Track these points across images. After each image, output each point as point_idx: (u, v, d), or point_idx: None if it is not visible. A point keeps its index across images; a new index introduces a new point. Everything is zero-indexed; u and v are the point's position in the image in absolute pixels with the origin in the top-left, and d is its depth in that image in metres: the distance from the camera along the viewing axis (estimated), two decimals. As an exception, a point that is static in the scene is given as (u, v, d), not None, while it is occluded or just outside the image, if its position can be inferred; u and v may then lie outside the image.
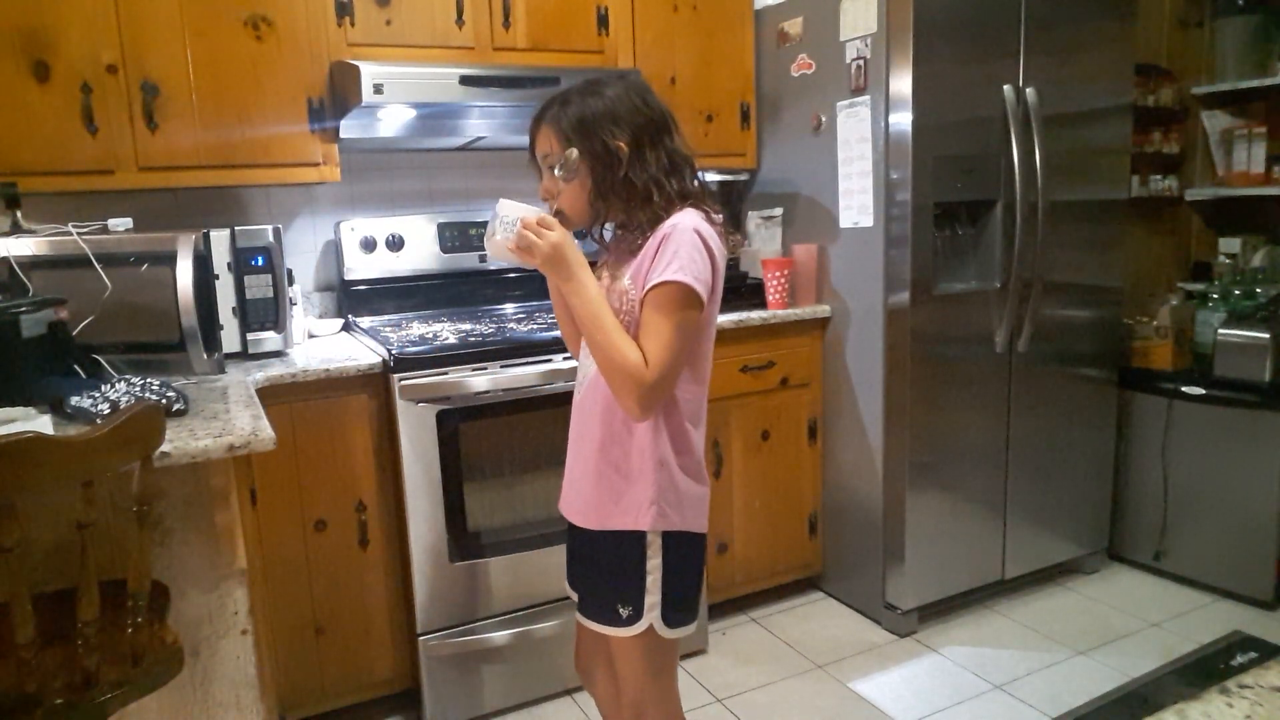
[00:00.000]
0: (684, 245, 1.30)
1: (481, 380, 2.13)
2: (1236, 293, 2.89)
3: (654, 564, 1.40)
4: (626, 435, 1.39)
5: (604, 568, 1.44)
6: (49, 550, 1.48)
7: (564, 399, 1.53)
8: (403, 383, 2.07)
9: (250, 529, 1.84)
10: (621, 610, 1.41)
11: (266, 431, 1.48)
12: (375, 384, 2.12)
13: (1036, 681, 2.35)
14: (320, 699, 2.18)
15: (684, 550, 1.43)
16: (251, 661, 1.70)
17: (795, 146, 2.79)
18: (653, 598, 1.40)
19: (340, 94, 2.25)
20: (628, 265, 1.38)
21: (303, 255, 2.64)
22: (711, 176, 2.87)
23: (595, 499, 1.42)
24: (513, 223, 1.32)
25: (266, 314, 2.19)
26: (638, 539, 1.39)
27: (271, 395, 1.97)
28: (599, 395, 1.39)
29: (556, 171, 1.38)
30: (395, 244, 2.62)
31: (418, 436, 2.10)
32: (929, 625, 2.67)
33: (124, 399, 1.55)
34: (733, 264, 2.89)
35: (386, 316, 2.64)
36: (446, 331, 2.36)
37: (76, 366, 1.74)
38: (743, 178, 2.98)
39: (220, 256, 2.15)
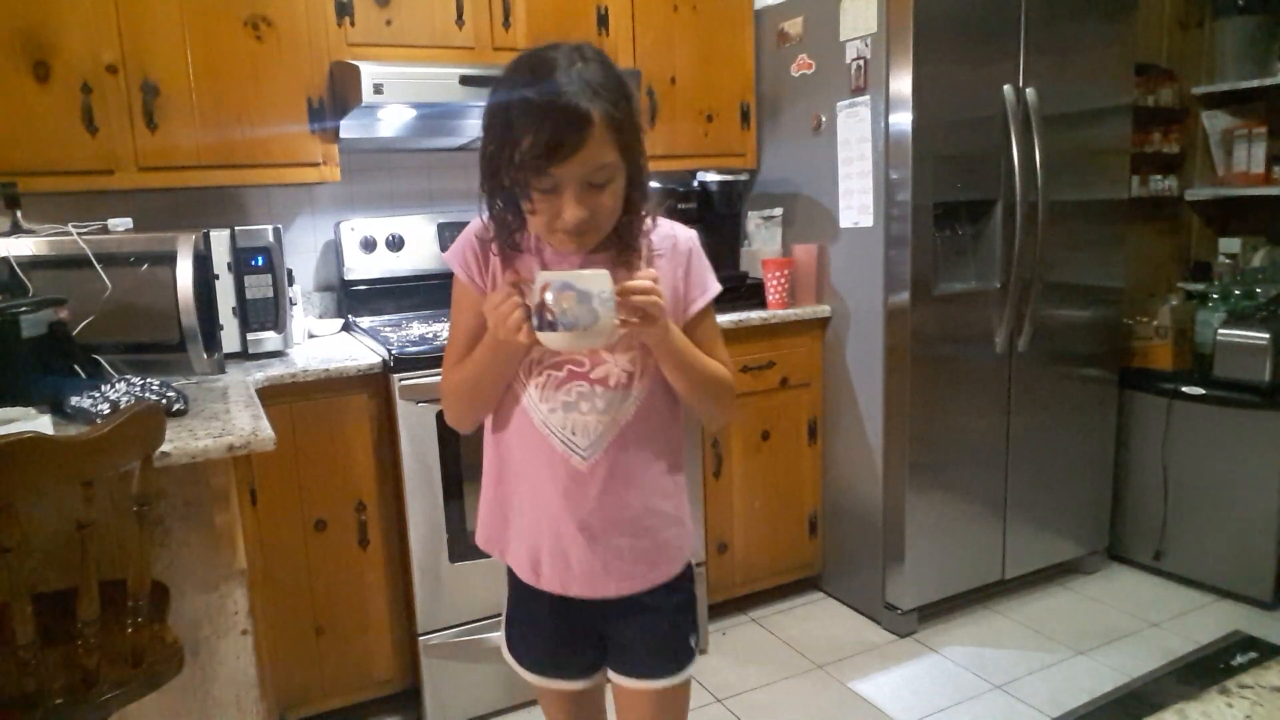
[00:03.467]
0: (702, 252, 1.25)
1: (481, 380, 2.13)
2: (1236, 293, 2.88)
3: (697, 575, 1.33)
4: (675, 472, 1.26)
5: (665, 615, 1.28)
6: (49, 550, 1.48)
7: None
8: (403, 383, 2.07)
9: (250, 529, 1.84)
10: (692, 641, 1.29)
11: (266, 431, 1.48)
12: (375, 384, 2.12)
13: (1036, 681, 2.35)
14: (320, 699, 2.18)
15: None
16: (251, 661, 1.70)
17: (795, 146, 2.79)
18: (701, 608, 1.36)
19: (340, 94, 2.25)
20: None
21: (303, 255, 2.64)
22: (711, 176, 2.87)
23: (650, 557, 1.25)
24: (608, 295, 1.02)
25: (266, 314, 2.19)
26: (687, 566, 1.31)
27: (271, 395, 1.97)
28: (643, 444, 1.21)
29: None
30: (395, 244, 2.62)
31: (418, 436, 2.10)
32: (929, 625, 2.67)
33: (124, 399, 1.55)
34: (732, 264, 2.90)
35: (386, 316, 2.64)
36: (446, 331, 2.36)
37: (76, 366, 1.74)
38: (743, 178, 2.98)
39: (220, 256, 2.15)
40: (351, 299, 2.61)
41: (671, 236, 1.22)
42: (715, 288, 1.24)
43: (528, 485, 1.23)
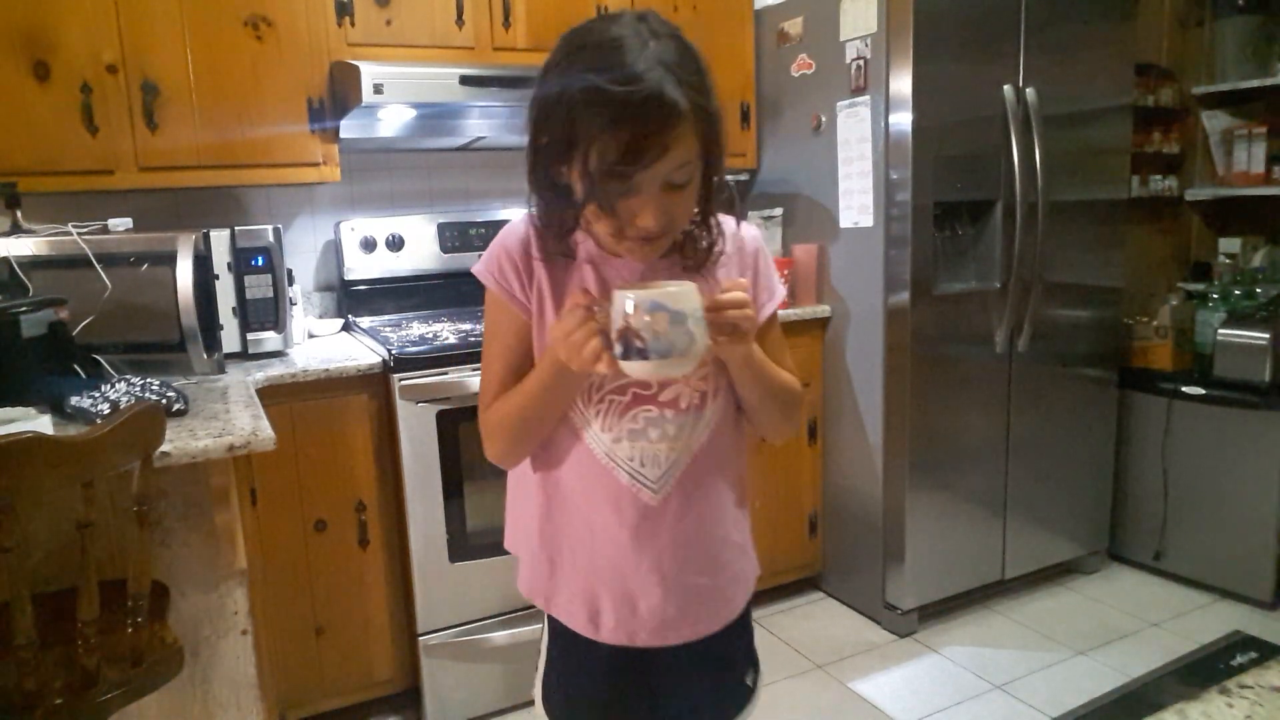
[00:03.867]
0: (769, 253, 1.13)
1: (481, 380, 2.13)
2: (1236, 293, 2.89)
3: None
4: (742, 501, 1.15)
5: (726, 657, 1.18)
6: (49, 550, 1.48)
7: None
8: (403, 383, 2.07)
9: (250, 529, 1.84)
10: (748, 680, 1.21)
11: (266, 431, 1.48)
12: (375, 384, 2.12)
13: (1036, 681, 2.35)
14: (320, 699, 2.18)
15: None
16: (251, 661, 1.70)
17: (795, 146, 2.79)
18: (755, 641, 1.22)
19: (340, 94, 2.25)
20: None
21: (303, 255, 2.64)
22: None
23: (724, 594, 1.15)
24: (701, 313, 0.88)
25: (266, 314, 2.19)
26: (749, 600, 1.21)
27: (271, 395, 1.97)
28: (716, 471, 1.09)
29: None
30: (395, 244, 2.62)
31: (418, 436, 2.10)
32: (929, 625, 2.67)
33: (124, 399, 1.55)
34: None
35: (386, 316, 2.64)
36: (446, 331, 2.36)
37: (76, 366, 1.74)
38: (743, 178, 2.98)
39: (220, 256, 2.15)
40: (351, 299, 2.61)
41: (738, 236, 1.08)
42: (781, 291, 1.11)
43: (583, 526, 1.08)
